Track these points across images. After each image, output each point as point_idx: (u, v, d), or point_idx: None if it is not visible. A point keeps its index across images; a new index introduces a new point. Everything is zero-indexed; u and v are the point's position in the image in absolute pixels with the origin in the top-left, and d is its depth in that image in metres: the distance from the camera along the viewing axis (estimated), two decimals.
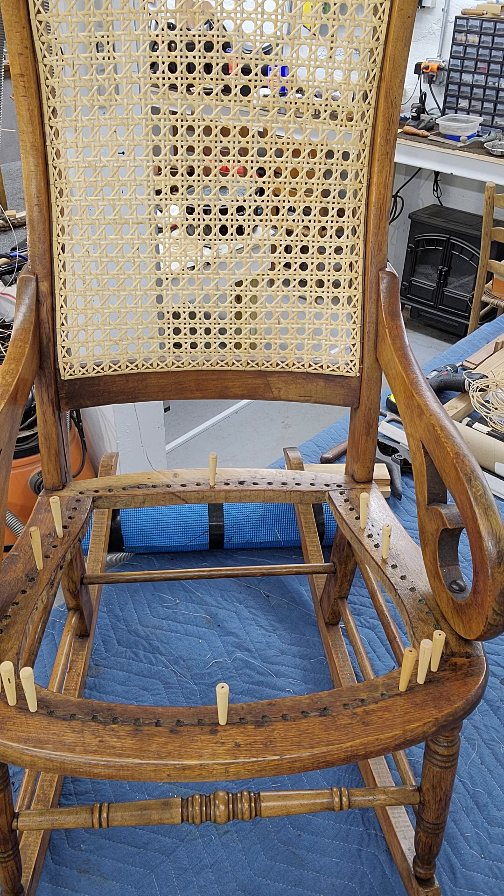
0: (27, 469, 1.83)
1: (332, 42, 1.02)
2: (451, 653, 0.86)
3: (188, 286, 1.13)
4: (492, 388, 1.93)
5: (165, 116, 1.04)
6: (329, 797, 0.90)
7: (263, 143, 1.06)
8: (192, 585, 1.52)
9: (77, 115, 1.02)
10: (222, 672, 1.33)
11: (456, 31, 3.64)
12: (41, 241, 1.06)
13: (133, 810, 0.88)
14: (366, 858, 1.07)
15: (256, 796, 0.89)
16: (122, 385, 1.15)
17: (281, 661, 1.36)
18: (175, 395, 1.17)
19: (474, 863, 1.07)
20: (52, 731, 0.77)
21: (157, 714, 0.80)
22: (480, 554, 0.78)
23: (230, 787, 1.14)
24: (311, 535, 1.53)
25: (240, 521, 1.57)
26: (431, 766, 0.89)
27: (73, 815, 0.89)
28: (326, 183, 1.08)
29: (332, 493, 1.16)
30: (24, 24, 0.95)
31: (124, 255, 1.10)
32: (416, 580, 0.97)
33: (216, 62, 1.00)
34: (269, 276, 1.14)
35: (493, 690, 1.32)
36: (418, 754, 1.19)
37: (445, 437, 0.88)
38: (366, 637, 1.41)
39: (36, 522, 1.06)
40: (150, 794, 1.14)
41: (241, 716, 0.80)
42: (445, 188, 4.23)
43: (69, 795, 1.14)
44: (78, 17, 0.97)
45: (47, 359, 1.09)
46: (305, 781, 1.17)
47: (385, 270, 1.09)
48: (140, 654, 1.36)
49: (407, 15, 0.98)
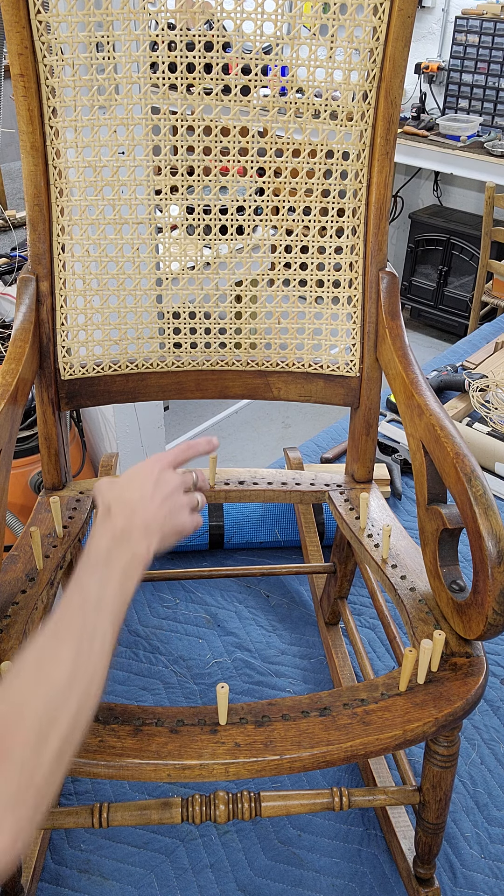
0: (27, 469, 1.83)
1: (332, 42, 1.02)
2: (451, 653, 0.86)
3: (188, 286, 1.13)
4: (492, 388, 1.93)
5: (165, 116, 1.04)
6: (329, 797, 0.90)
7: (263, 143, 1.06)
8: (192, 585, 1.52)
9: (77, 115, 1.02)
10: (222, 672, 1.33)
11: (456, 31, 3.64)
12: (41, 241, 1.06)
13: (133, 810, 0.88)
14: (366, 858, 1.07)
15: (256, 796, 0.89)
16: (122, 385, 1.15)
17: (281, 661, 1.36)
18: (175, 395, 1.17)
19: (474, 863, 1.07)
20: None
21: (157, 714, 0.80)
22: (480, 554, 0.78)
23: (230, 787, 1.14)
24: (311, 535, 1.53)
25: (240, 521, 1.57)
26: (431, 766, 0.89)
27: (73, 815, 0.89)
28: (326, 183, 1.08)
29: (332, 493, 1.16)
30: (24, 24, 0.95)
31: (124, 255, 1.10)
32: (416, 580, 0.97)
33: (216, 62, 1.00)
34: (269, 276, 1.14)
35: (493, 690, 1.32)
36: (418, 754, 1.19)
37: (445, 437, 0.88)
38: (366, 637, 1.41)
39: (36, 522, 1.06)
40: (150, 794, 1.14)
41: (241, 716, 0.80)
42: (445, 188, 4.23)
43: (69, 795, 1.14)
44: (78, 17, 0.97)
45: (47, 359, 1.09)
46: (305, 781, 1.16)
47: (385, 270, 1.09)
48: (140, 654, 1.36)
49: (407, 15, 0.98)
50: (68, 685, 0.62)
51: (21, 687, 0.60)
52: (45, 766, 0.57)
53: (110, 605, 0.69)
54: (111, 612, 0.69)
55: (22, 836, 0.54)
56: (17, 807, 0.54)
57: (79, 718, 0.61)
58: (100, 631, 0.67)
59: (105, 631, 0.67)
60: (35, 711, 0.59)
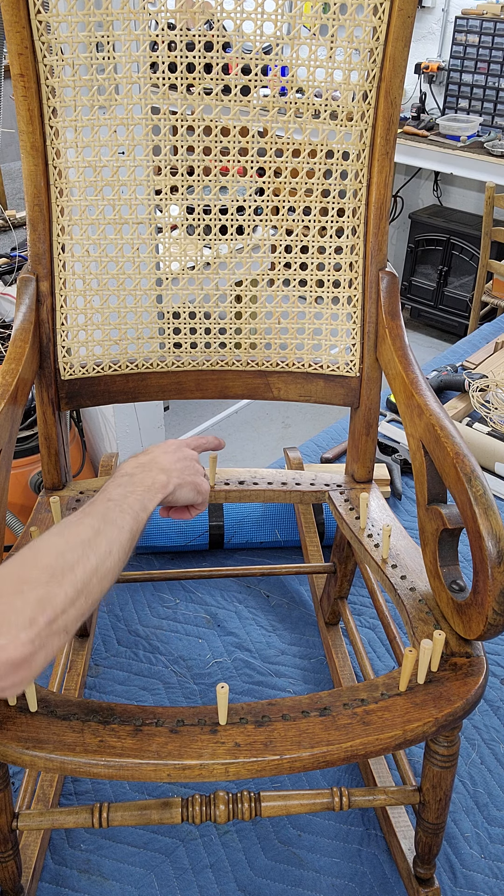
0: (27, 469, 1.82)
1: (332, 42, 1.02)
2: (451, 653, 0.86)
3: (188, 286, 1.13)
4: (492, 388, 1.93)
5: (165, 116, 1.04)
6: (329, 797, 0.90)
7: (263, 143, 1.06)
8: (192, 585, 1.52)
9: (77, 115, 1.02)
10: (222, 672, 1.33)
11: (456, 31, 3.64)
12: (41, 241, 1.06)
13: (133, 810, 0.88)
14: (366, 858, 1.07)
15: (256, 796, 0.89)
16: (122, 385, 1.15)
17: (281, 661, 1.36)
18: (175, 395, 1.17)
19: (474, 863, 1.07)
20: (52, 731, 0.77)
21: (157, 714, 0.80)
22: (480, 554, 0.78)
23: (230, 787, 1.14)
24: (311, 535, 1.53)
25: (240, 521, 1.57)
26: (431, 766, 0.89)
27: (73, 815, 0.89)
28: (326, 183, 1.08)
29: (332, 493, 1.16)
30: (24, 25, 0.95)
31: (124, 255, 1.10)
32: (416, 580, 0.97)
33: (216, 62, 1.00)
34: (269, 276, 1.14)
35: (493, 690, 1.32)
36: (418, 754, 1.19)
37: (445, 437, 0.88)
38: (366, 637, 1.41)
39: (36, 522, 1.06)
40: (150, 794, 1.14)
41: (241, 716, 0.80)
42: (445, 188, 4.23)
43: (69, 795, 1.14)
44: (78, 17, 0.97)
45: (47, 359, 1.09)
46: (305, 781, 1.17)
47: (385, 270, 1.09)
48: (140, 654, 1.36)
49: (407, 15, 0.98)
50: (87, 543, 0.70)
51: (44, 539, 0.71)
52: (59, 602, 0.65)
53: (132, 508, 0.78)
54: (133, 513, 0.77)
55: (38, 655, 0.63)
56: (33, 627, 0.62)
57: (97, 574, 0.70)
58: (120, 522, 0.75)
59: (126, 523, 0.75)
60: (52, 555, 0.68)
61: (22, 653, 0.62)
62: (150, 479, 0.83)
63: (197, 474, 0.90)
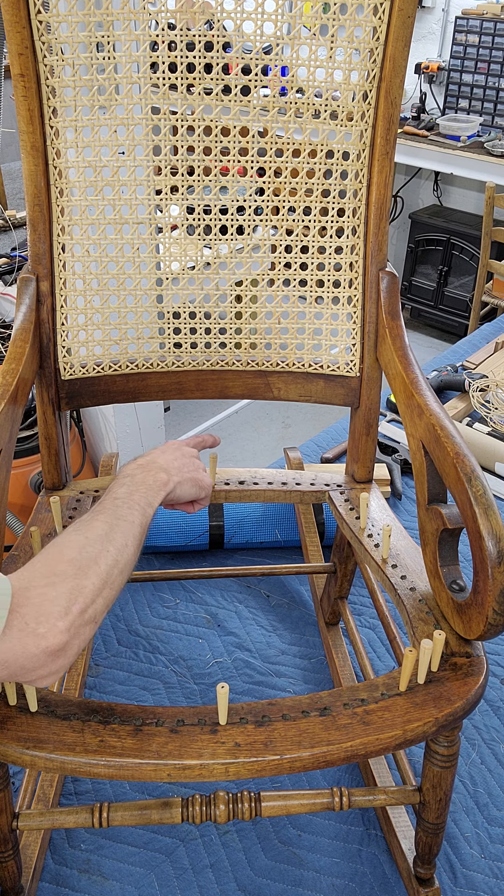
0: (27, 469, 1.82)
1: (332, 42, 1.02)
2: (452, 653, 0.86)
3: (188, 286, 1.13)
4: (492, 388, 1.93)
5: (165, 116, 1.04)
6: (329, 797, 0.90)
7: (263, 143, 1.06)
8: (193, 585, 1.52)
9: (77, 115, 1.02)
10: (222, 672, 1.33)
11: (456, 31, 3.64)
12: (41, 241, 1.06)
13: (133, 810, 0.88)
14: (366, 858, 1.07)
15: (256, 796, 0.89)
16: (122, 385, 1.15)
17: (281, 661, 1.36)
18: (175, 395, 1.17)
19: (474, 863, 1.07)
20: (52, 731, 0.77)
21: (157, 714, 0.80)
22: (480, 554, 0.78)
23: (230, 787, 1.14)
24: (311, 535, 1.53)
25: (240, 521, 1.57)
26: (431, 766, 0.89)
27: (73, 815, 0.89)
28: (326, 183, 1.08)
29: (332, 493, 1.16)
30: (25, 25, 0.95)
31: (124, 255, 1.10)
32: (416, 580, 0.97)
33: (216, 62, 1.00)
34: (269, 276, 1.14)
35: (493, 690, 1.32)
36: (418, 754, 1.19)
37: (445, 437, 0.88)
38: (366, 637, 1.41)
39: (36, 522, 1.06)
40: (150, 794, 1.14)
41: (241, 716, 0.80)
42: (445, 188, 4.23)
43: (69, 795, 1.14)
44: (78, 17, 0.97)
45: (47, 359, 1.09)
46: (305, 781, 1.17)
47: (385, 270, 1.09)
48: (140, 653, 1.36)
49: (407, 15, 0.98)
50: (104, 538, 0.74)
51: (64, 536, 0.75)
52: (88, 593, 0.69)
53: (138, 504, 0.81)
54: (140, 509, 0.81)
55: (73, 643, 0.66)
56: (68, 616, 0.66)
57: (117, 566, 0.73)
58: (130, 517, 0.79)
59: (135, 518, 0.79)
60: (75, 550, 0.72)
61: (60, 641, 0.65)
62: (151, 478, 0.87)
63: (196, 470, 0.94)
